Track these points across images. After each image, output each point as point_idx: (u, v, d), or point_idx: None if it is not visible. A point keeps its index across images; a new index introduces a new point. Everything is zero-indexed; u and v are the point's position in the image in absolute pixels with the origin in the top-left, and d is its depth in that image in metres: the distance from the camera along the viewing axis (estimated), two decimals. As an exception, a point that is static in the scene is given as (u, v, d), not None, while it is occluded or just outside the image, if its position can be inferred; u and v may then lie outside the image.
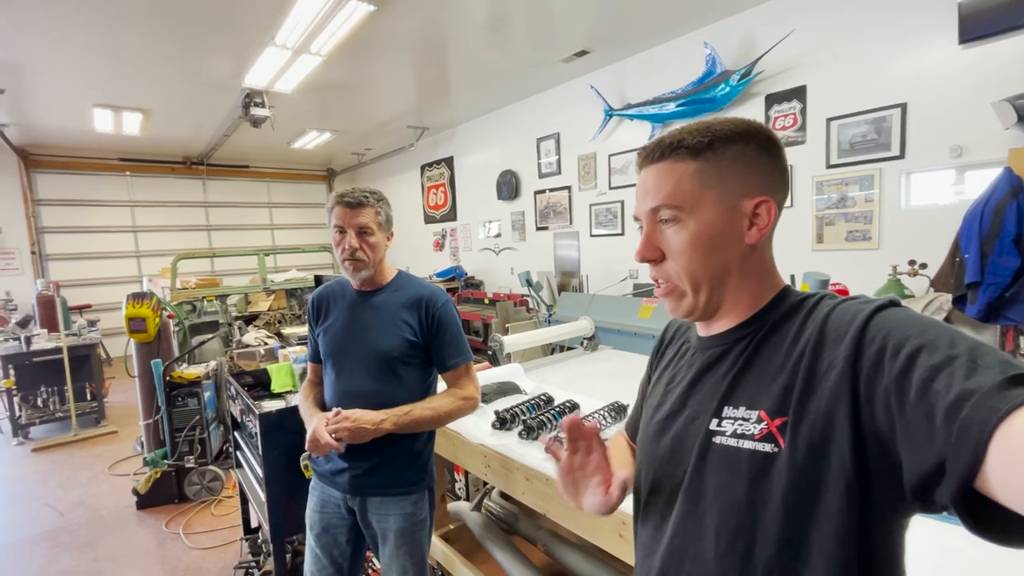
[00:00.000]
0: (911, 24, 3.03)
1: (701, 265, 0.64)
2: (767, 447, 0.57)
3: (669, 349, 0.82)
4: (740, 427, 0.60)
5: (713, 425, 0.63)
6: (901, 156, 3.13)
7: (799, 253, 3.59)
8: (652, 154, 0.67)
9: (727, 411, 0.62)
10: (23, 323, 4.93)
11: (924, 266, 2.85)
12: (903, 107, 3.09)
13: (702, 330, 0.72)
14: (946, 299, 2.62)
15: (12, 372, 4.52)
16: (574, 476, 0.73)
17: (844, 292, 3.23)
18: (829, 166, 3.44)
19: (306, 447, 1.32)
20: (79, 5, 3.29)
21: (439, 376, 1.50)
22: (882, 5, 3.12)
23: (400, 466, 1.40)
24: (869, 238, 3.30)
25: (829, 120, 3.41)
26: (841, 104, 3.35)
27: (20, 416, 4.57)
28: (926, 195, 3.09)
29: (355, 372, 1.39)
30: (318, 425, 1.29)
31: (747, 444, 0.59)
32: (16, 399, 4.55)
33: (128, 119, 5.80)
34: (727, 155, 0.63)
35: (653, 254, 0.67)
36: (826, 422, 0.53)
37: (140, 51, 4.03)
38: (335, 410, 1.31)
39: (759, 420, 0.58)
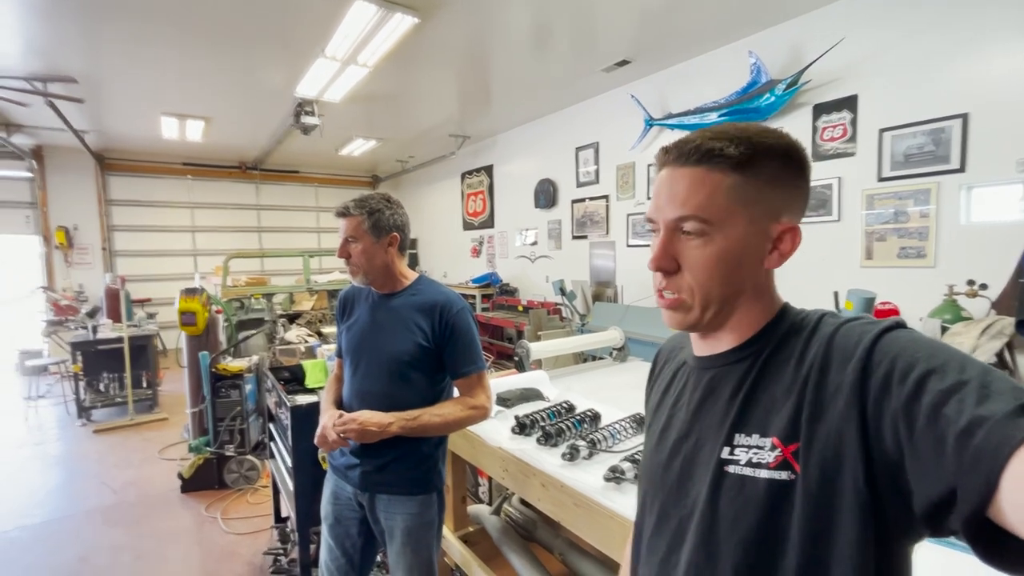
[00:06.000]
0: (972, 31, 2.85)
1: (719, 284, 0.61)
2: (784, 475, 0.55)
3: (666, 371, 0.78)
4: (755, 455, 0.57)
5: (725, 454, 0.60)
6: (961, 169, 2.94)
7: (846, 269, 3.42)
8: (687, 155, 0.60)
9: (739, 439, 0.59)
10: (92, 313, 5.33)
11: (984, 287, 2.67)
12: (964, 117, 2.91)
13: (699, 349, 0.69)
14: (1008, 323, 2.44)
15: (80, 358, 4.90)
16: None
17: (894, 312, 3.08)
18: (881, 179, 3.27)
19: (315, 441, 1.37)
20: (152, 24, 3.58)
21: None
22: (939, 12, 2.96)
23: (409, 466, 1.42)
24: (924, 255, 3.11)
25: (882, 131, 3.25)
26: (895, 114, 3.19)
27: (85, 399, 4.93)
28: (989, 211, 2.89)
29: (368, 372, 1.43)
30: (326, 422, 1.34)
31: (763, 473, 0.56)
32: (82, 383, 4.93)
33: (191, 126, 6.21)
34: (766, 172, 0.59)
35: (670, 264, 0.63)
36: (837, 446, 0.52)
37: (204, 64, 4.33)
38: (339, 412, 1.36)
39: (773, 447, 0.56)
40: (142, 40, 3.84)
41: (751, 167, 0.59)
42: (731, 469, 0.59)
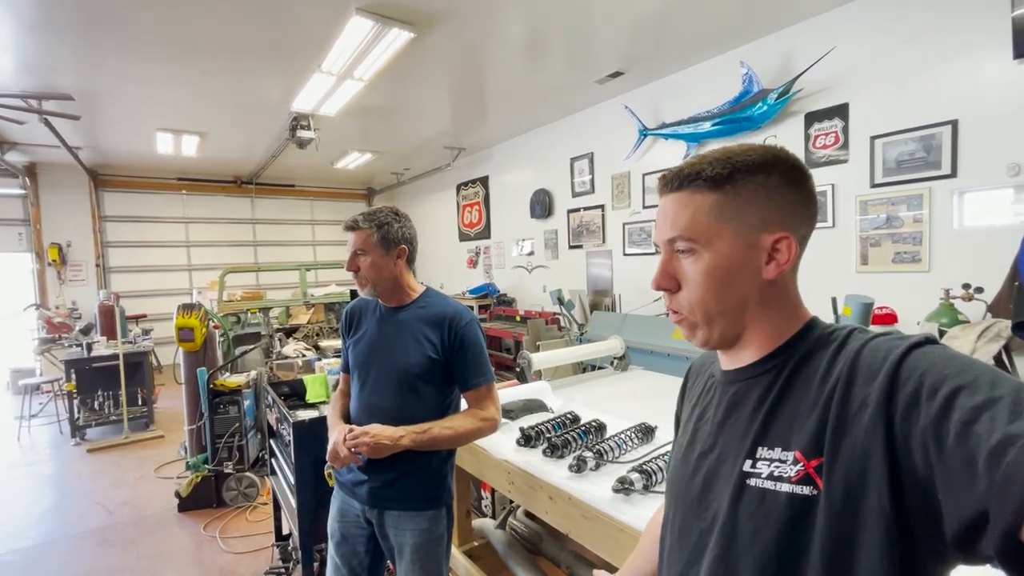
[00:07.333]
0: (960, 40, 2.91)
1: (715, 298, 0.63)
2: (806, 490, 0.54)
3: (695, 386, 0.79)
4: (776, 469, 0.57)
5: (747, 466, 0.60)
6: (953, 175, 2.98)
7: (841, 275, 3.45)
8: (671, 183, 0.66)
9: (761, 452, 0.59)
10: (85, 330, 5.27)
11: (980, 290, 2.69)
12: (954, 124, 2.96)
13: (725, 363, 0.70)
14: (1005, 325, 2.46)
15: (73, 376, 4.83)
16: None
17: (892, 317, 3.10)
18: (873, 185, 3.32)
19: (327, 458, 1.35)
20: (149, 40, 3.59)
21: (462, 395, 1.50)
22: (928, 21, 3.02)
23: (417, 481, 1.41)
24: (919, 260, 3.14)
25: (873, 138, 3.30)
26: (886, 122, 3.24)
27: (78, 418, 4.86)
28: (981, 215, 2.93)
29: (377, 386, 1.42)
30: (338, 438, 1.32)
31: (784, 487, 0.56)
32: (76, 402, 4.86)
33: (187, 141, 6.21)
34: (747, 187, 0.61)
35: (668, 283, 0.66)
36: (862, 463, 0.51)
37: (200, 79, 4.34)
38: (351, 426, 1.35)
39: (795, 461, 0.56)
40: (139, 56, 3.85)
41: (730, 184, 0.62)
42: (752, 482, 0.59)
